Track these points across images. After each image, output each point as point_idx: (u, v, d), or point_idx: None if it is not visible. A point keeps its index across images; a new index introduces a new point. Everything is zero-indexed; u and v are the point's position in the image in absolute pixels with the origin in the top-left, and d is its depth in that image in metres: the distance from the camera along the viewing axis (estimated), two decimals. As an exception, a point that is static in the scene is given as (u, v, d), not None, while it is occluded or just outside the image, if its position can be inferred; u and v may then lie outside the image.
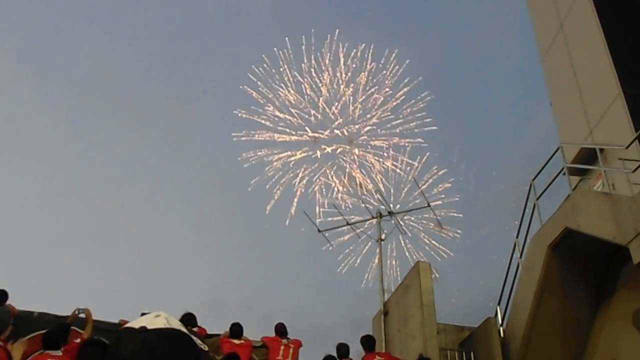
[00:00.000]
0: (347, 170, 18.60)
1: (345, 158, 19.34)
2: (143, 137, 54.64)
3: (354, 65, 19.90)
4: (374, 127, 19.82)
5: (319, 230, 15.18)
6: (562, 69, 13.41)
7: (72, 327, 7.70)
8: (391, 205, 14.93)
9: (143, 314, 7.47)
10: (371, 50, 19.80)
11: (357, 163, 18.87)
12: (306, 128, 19.62)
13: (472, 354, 11.40)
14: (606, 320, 10.05)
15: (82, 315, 8.23)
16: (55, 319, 8.27)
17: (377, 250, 14.18)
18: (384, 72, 19.88)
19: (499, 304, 11.82)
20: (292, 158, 19.46)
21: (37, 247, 48.87)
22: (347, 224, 14.92)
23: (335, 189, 16.44)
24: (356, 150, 19.26)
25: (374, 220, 14.52)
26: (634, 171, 9.22)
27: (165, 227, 55.34)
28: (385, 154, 19.21)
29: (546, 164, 11.26)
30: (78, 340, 7.51)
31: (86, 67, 51.61)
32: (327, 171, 19.35)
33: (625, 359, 9.40)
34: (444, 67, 57.93)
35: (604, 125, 11.50)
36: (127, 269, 49.66)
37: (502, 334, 11.23)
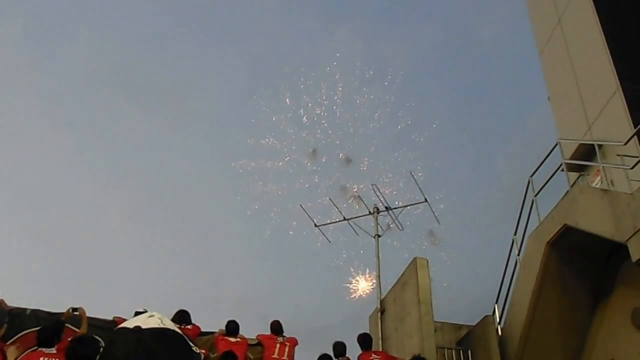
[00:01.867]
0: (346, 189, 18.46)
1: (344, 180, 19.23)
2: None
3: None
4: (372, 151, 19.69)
5: (315, 225, 15.12)
6: (560, 64, 13.36)
7: (67, 325, 7.61)
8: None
9: (137, 313, 7.42)
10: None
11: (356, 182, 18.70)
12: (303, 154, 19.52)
13: (469, 352, 11.32)
14: (605, 318, 9.99)
15: (77, 313, 8.15)
16: (49, 316, 8.17)
17: (375, 246, 14.08)
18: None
19: (496, 302, 11.77)
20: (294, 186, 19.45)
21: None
22: (344, 219, 14.85)
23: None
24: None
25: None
26: (632, 167, 9.14)
27: (163, 225, 55.25)
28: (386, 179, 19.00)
29: (544, 160, 11.19)
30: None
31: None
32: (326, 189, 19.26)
33: (623, 356, 9.34)
34: (440, 61, 57.99)
35: (602, 121, 11.44)
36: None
37: (500, 332, 11.17)
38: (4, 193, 48.97)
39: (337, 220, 15.01)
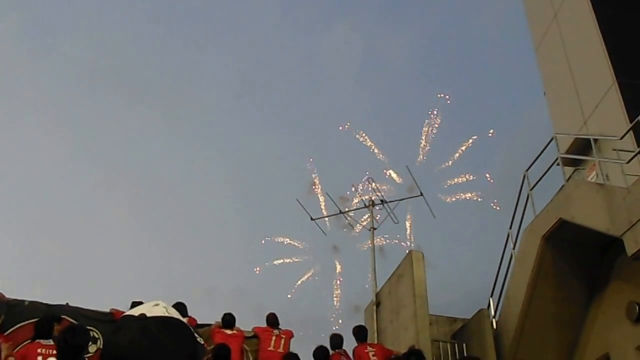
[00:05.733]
0: None
1: None
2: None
3: None
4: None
5: (311, 219, 15.10)
6: (556, 59, 13.36)
7: (64, 317, 7.62)
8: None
9: (134, 303, 7.43)
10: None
11: None
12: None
13: (464, 345, 11.35)
14: (599, 312, 10.04)
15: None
16: (47, 307, 8.17)
17: (370, 239, 14.10)
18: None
19: (491, 295, 11.83)
20: None
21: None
22: (340, 212, 14.85)
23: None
24: None
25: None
26: (628, 162, 9.18)
27: (159, 219, 55.09)
28: None
29: (540, 154, 11.22)
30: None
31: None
32: None
33: (618, 350, 9.40)
34: (438, 56, 57.93)
35: (598, 116, 11.46)
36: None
37: (494, 326, 11.21)
38: (-1, 189, 48.91)
39: (333, 213, 15.01)
